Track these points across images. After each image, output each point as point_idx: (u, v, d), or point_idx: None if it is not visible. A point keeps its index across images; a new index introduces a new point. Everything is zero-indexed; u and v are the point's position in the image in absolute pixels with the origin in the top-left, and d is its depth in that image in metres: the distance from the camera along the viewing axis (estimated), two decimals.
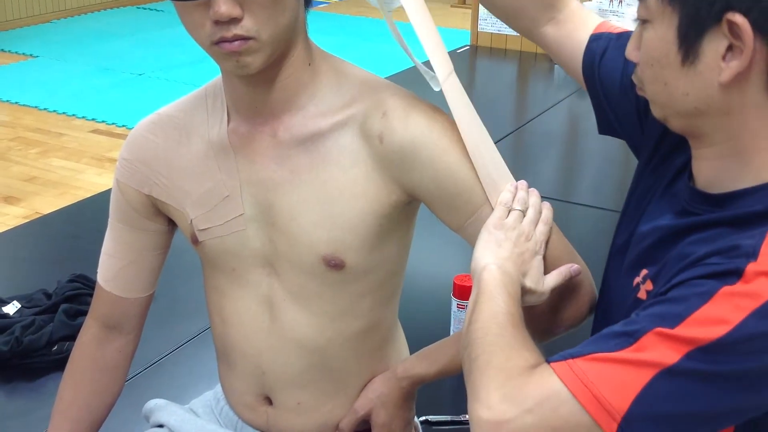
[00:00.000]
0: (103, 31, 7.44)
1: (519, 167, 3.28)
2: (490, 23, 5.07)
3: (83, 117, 5.41)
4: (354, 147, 1.14)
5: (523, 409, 0.90)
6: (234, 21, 1.03)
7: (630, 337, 0.88)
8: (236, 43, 1.04)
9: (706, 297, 0.87)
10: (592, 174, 3.43)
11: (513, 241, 1.10)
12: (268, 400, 1.31)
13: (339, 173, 1.15)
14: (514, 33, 5.83)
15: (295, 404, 1.29)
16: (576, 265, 1.16)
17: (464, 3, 8.67)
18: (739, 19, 0.87)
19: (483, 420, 0.91)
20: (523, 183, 1.17)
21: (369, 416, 1.31)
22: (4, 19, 7.59)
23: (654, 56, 0.96)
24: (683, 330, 0.86)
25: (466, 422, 1.78)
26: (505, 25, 5.59)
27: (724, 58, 0.90)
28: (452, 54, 5.03)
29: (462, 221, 1.16)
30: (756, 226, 0.90)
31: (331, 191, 1.15)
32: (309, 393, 1.28)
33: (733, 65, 0.89)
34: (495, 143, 1.14)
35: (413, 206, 1.21)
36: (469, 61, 5.04)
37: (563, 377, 0.89)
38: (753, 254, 0.87)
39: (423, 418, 1.78)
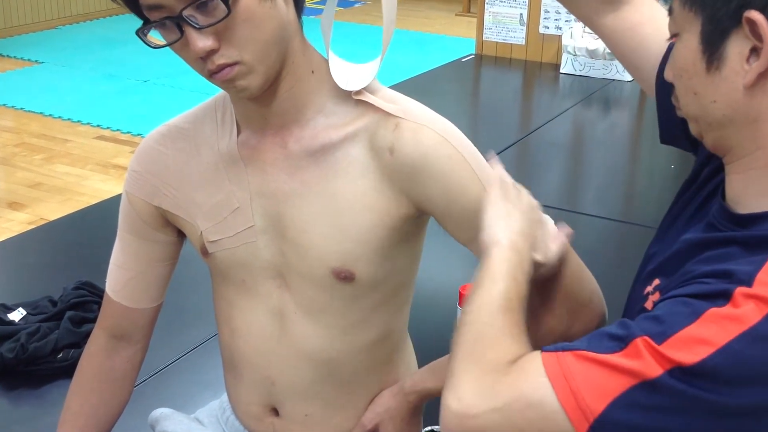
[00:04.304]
0: (108, 38, 7.45)
1: (524, 176, 3.27)
2: (495, 32, 5.07)
3: (88, 123, 5.43)
4: (363, 158, 1.13)
5: (491, 406, 0.89)
6: (213, 52, 1.03)
7: (621, 342, 0.87)
8: (224, 71, 1.05)
9: (693, 317, 0.85)
10: (598, 184, 3.43)
11: (521, 211, 1.07)
12: (275, 411, 1.31)
13: (348, 185, 1.14)
14: (519, 42, 5.83)
15: (303, 416, 1.29)
16: (568, 228, 1.14)
17: (469, 11, 8.68)
18: (756, 16, 0.85)
19: (451, 410, 0.91)
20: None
21: (376, 430, 1.31)
22: (10, 25, 7.61)
23: (682, 66, 0.94)
24: (667, 348, 0.84)
25: None
26: (510, 34, 5.56)
27: (748, 60, 0.88)
28: (457, 63, 5.04)
29: (473, 235, 1.13)
30: (760, 251, 0.88)
31: (340, 203, 1.14)
32: (317, 405, 1.28)
33: (755, 67, 0.87)
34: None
35: (423, 219, 1.20)
36: (474, 69, 5.04)
37: (548, 366, 0.88)
38: (747, 281, 0.85)
39: (428, 428, 1.78)
